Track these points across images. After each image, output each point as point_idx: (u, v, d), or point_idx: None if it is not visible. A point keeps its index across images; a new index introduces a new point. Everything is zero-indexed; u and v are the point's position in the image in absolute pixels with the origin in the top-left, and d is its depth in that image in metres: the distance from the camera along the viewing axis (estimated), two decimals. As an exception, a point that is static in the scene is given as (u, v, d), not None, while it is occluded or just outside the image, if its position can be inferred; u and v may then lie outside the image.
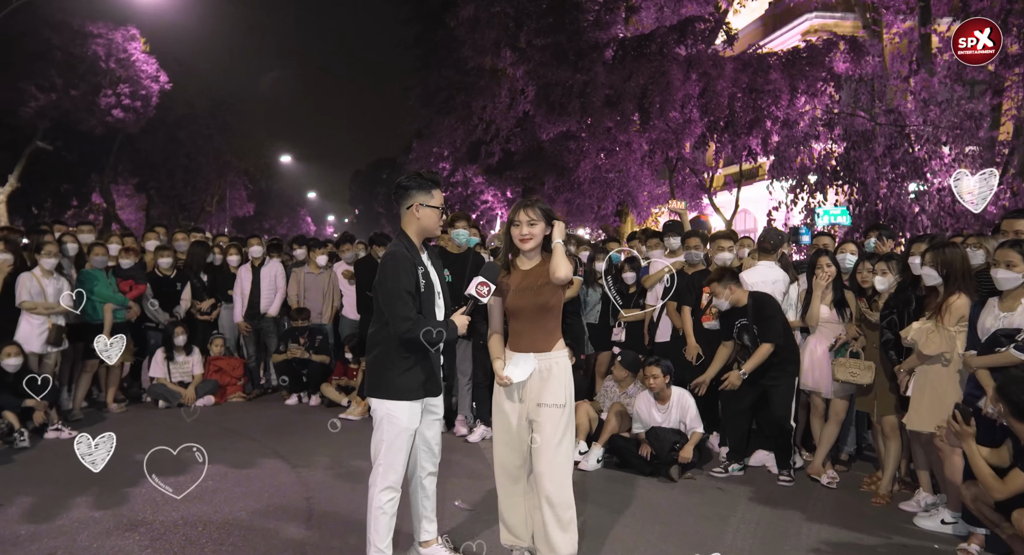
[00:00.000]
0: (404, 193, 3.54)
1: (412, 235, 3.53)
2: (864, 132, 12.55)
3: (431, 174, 3.58)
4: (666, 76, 15.11)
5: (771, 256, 6.19)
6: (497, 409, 3.67)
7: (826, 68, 14.82)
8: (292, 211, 51.74)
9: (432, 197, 3.53)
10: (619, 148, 16.98)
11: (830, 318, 5.63)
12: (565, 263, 3.41)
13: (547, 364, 3.53)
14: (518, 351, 3.57)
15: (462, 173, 23.95)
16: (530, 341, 3.54)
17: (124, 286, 7.60)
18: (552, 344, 3.56)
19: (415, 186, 3.51)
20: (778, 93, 14.90)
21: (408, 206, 3.52)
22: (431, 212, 3.53)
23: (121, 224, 25.72)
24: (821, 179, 13.02)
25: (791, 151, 13.81)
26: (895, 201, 12.19)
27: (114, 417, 7.45)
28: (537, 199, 3.66)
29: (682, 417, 5.73)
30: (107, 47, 20.79)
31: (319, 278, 8.57)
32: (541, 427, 3.48)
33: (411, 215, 3.52)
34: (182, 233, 9.01)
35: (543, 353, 3.53)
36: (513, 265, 3.63)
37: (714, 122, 15.79)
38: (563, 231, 3.57)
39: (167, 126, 26.31)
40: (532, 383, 3.53)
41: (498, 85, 18.55)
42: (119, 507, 4.70)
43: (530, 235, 3.51)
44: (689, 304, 6.43)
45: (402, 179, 3.58)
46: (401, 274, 3.35)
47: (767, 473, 5.74)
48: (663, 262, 7.15)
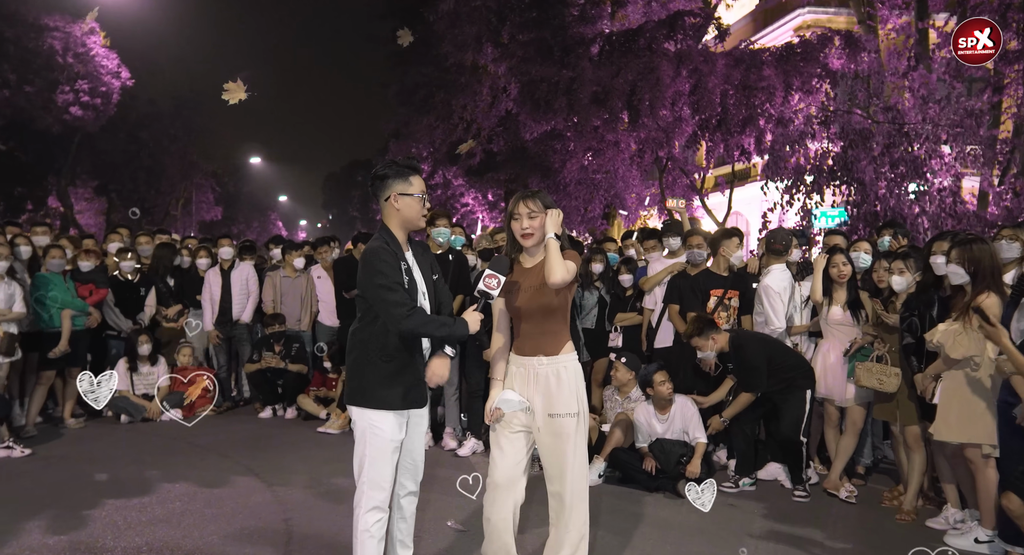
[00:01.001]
0: (380, 184, 3.35)
1: (394, 229, 3.34)
2: (861, 130, 12.51)
3: (408, 160, 3.38)
4: (655, 72, 14.95)
5: (782, 258, 6.01)
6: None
7: (821, 64, 14.77)
8: (262, 215, 51.24)
9: (410, 184, 3.34)
10: (607, 148, 16.79)
11: (843, 320, 5.48)
12: (559, 263, 3.17)
13: (555, 369, 3.32)
14: (523, 355, 3.37)
15: (442, 175, 23.58)
16: (536, 344, 3.34)
17: (84, 291, 7.28)
18: (560, 347, 3.35)
19: (391, 174, 3.33)
20: (772, 90, 14.78)
21: (386, 197, 3.33)
22: (411, 201, 3.33)
23: (80, 229, 25.16)
24: (818, 179, 12.94)
25: (786, 150, 13.67)
26: (894, 202, 12.15)
27: (72, 433, 7.12)
28: (538, 189, 3.46)
29: (684, 426, 5.57)
30: (64, 41, 20.36)
31: (296, 282, 8.31)
32: (555, 437, 3.28)
33: (390, 207, 3.33)
34: (145, 236, 8.68)
35: (550, 357, 3.33)
36: (517, 262, 3.44)
37: (706, 120, 15.65)
38: (558, 223, 3.33)
39: (129, 125, 25.87)
40: (539, 391, 3.31)
41: (479, 83, 18.34)
42: (76, 532, 4.40)
43: (531, 229, 3.30)
44: (694, 308, 6.25)
45: (377, 168, 3.38)
46: (385, 267, 3.17)
47: (780, 488, 5.57)
48: (662, 263, 6.99)
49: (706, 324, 5.52)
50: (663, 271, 6.86)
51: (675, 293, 6.46)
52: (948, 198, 11.89)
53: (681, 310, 6.37)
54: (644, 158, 16.99)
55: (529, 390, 3.32)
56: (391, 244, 3.31)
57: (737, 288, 6.20)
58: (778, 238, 6.00)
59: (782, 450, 5.54)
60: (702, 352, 5.53)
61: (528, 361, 3.36)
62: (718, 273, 6.28)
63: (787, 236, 6.05)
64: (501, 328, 3.48)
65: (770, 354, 5.39)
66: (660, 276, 6.85)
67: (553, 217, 3.30)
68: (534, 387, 3.32)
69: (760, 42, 18.24)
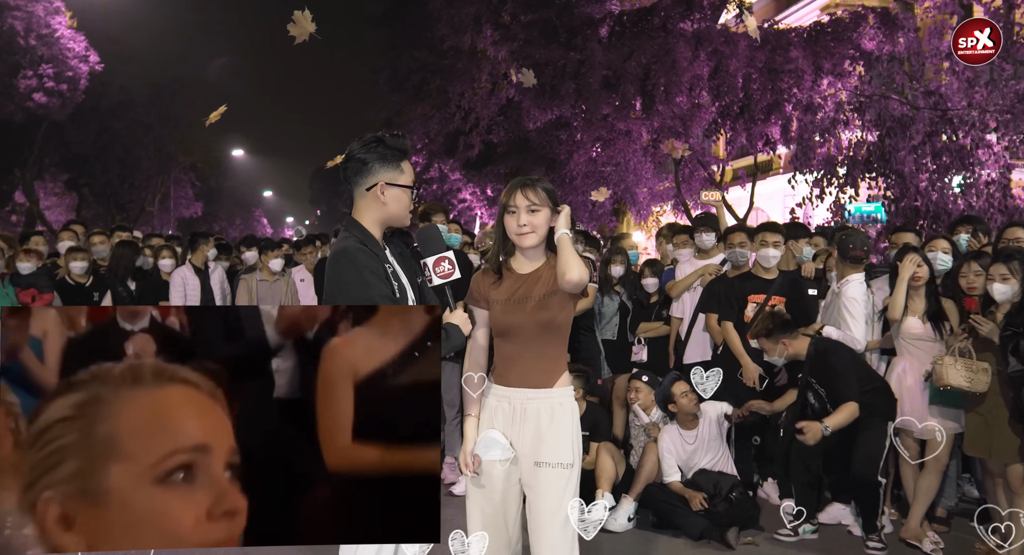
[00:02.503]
0: (361, 168, 2.71)
1: (369, 225, 2.73)
2: (900, 117, 12.07)
3: (396, 139, 2.76)
4: (671, 54, 14.61)
5: (860, 266, 5.29)
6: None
7: (854, 45, 14.31)
8: (245, 212, 50.58)
9: (401, 173, 2.75)
10: (617, 138, 16.43)
11: (923, 334, 4.81)
12: (577, 261, 2.66)
13: (548, 405, 2.78)
14: (508, 385, 2.82)
15: (437, 168, 23.31)
16: (525, 372, 2.79)
17: (25, 297, 6.59)
18: (555, 377, 2.81)
19: (376, 158, 2.70)
20: (800, 74, 14.36)
21: (369, 186, 2.71)
22: (401, 194, 2.75)
23: (48, 225, 24.50)
24: (851, 171, 12.57)
25: (815, 139, 13.40)
26: (937, 196, 11.76)
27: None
28: (540, 177, 2.88)
29: (715, 432, 5.10)
30: (27, 21, 19.66)
31: (274, 286, 7.66)
32: (539, 494, 2.75)
33: (373, 199, 2.72)
34: (100, 235, 8.03)
35: (543, 389, 2.78)
36: (506, 266, 2.89)
37: (727, 107, 15.30)
38: (569, 219, 2.83)
39: (100, 114, 25.12)
40: (527, 433, 2.78)
41: (478, 68, 18.01)
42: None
43: (531, 226, 2.76)
44: (731, 318, 5.57)
45: (355, 148, 2.73)
46: (368, 276, 2.56)
47: (848, 535, 4.89)
48: (693, 265, 6.33)
49: (781, 324, 4.87)
50: (693, 274, 6.20)
51: (713, 300, 5.78)
52: (997, 192, 11.42)
53: (720, 319, 5.69)
54: (659, 149, 16.52)
55: (514, 430, 2.80)
56: (369, 244, 2.69)
57: (785, 294, 5.49)
58: (856, 242, 5.24)
59: (852, 491, 4.86)
60: (767, 356, 4.92)
61: (514, 394, 2.81)
62: (762, 275, 5.60)
63: (866, 240, 5.33)
64: (479, 360, 2.94)
65: (855, 369, 4.74)
66: (690, 280, 6.21)
67: (564, 214, 2.80)
68: (520, 426, 2.79)
69: (784, 23, 17.76)
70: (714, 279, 5.89)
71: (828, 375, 4.71)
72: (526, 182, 2.80)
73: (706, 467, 5.03)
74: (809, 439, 4.53)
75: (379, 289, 2.55)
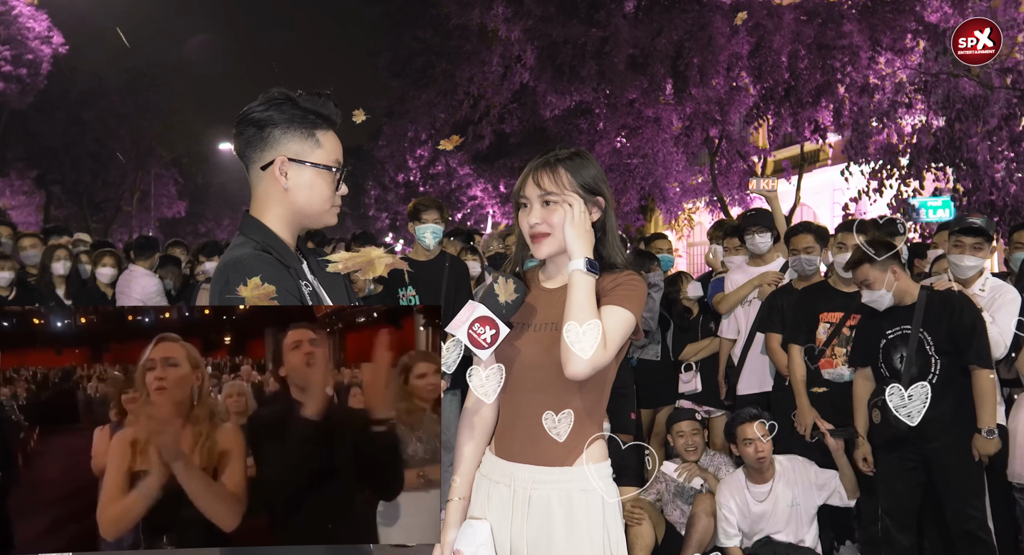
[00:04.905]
0: (255, 137, 2.05)
1: (274, 223, 2.08)
2: (972, 98, 11.89)
3: (315, 100, 2.08)
4: (707, 30, 14.27)
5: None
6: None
7: (916, 16, 13.87)
8: (234, 211, 50.70)
9: (317, 145, 2.07)
10: (645, 126, 16.17)
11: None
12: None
13: (564, 492, 2.10)
14: (508, 458, 2.16)
15: (444, 162, 23.15)
16: (530, 439, 2.13)
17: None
18: (580, 448, 2.12)
19: (277, 120, 2.04)
20: (855, 50, 13.99)
21: (265, 164, 2.06)
22: (314, 178, 2.06)
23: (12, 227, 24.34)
24: (916, 161, 12.43)
25: (872, 125, 13.28)
26: (1016, 188, 11.63)
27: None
28: (574, 151, 2.23)
29: (800, 495, 4.40)
30: (-22, -2, 19.72)
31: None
32: None
33: (272, 182, 2.07)
34: (30, 238, 7.56)
35: (559, 468, 2.11)
36: (528, 279, 2.27)
37: (770, 89, 14.98)
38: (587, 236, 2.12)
39: (69, 103, 25.26)
40: (531, 535, 2.11)
41: (488, 50, 17.79)
42: None
43: (546, 226, 2.13)
44: (798, 341, 4.94)
45: (252, 107, 2.06)
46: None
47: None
48: (746, 273, 5.72)
49: (883, 245, 4.20)
50: (747, 284, 5.59)
51: (776, 316, 5.17)
52: (1087, 185, 11.27)
53: (785, 341, 5.07)
54: (692, 137, 16.36)
55: (513, 527, 2.13)
56: (275, 249, 2.03)
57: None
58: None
59: (956, 547, 4.20)
60: (871, 291, 4.18)
61: (516, 471, 2.15)
62: (841, 287, 4.98)
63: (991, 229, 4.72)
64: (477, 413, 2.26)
65: None
66: (744, 291, 5.59)
67: (578, 218, 2.10)
68: (522, 522, 2.11)
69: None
70: (776, 290, 5.29)
71: (960, 330, 4.00)
72: (543, 163, 2.16)
73: (777, 537, 4.38)
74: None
75: None
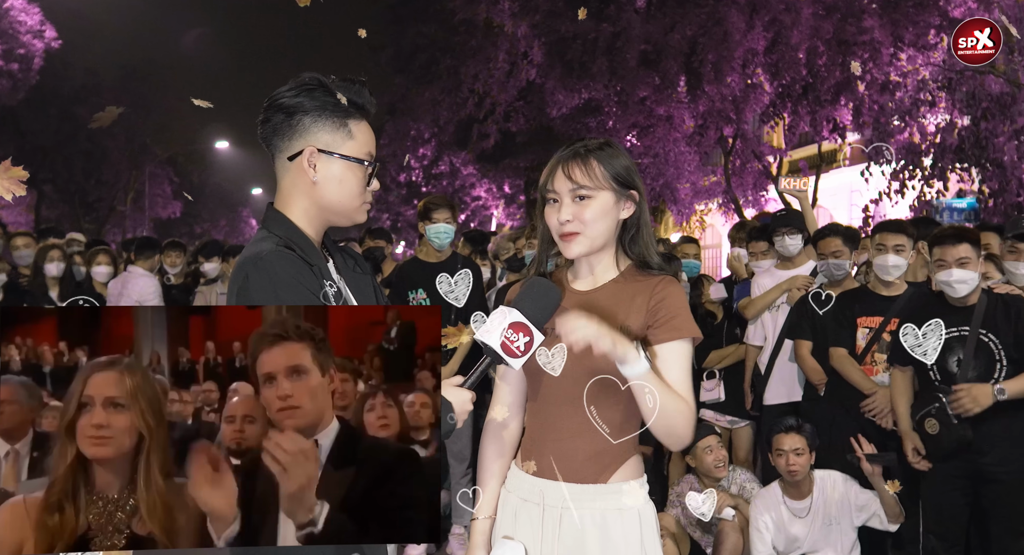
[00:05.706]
0: (284, 124, 1.96)
1: (299, 218, 2.00)
2: (998, 96, 11.82)
3: (349, 86, 2.00)
4: (722, 25, 14.26)
5: None
6: None
7: (940, 11, 13.85)
8: (231, 212, 50.89)
9: (348, 134, 1.97)
10: (657, 124, 16.26)
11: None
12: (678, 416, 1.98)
13: (598, 512, 2.02)
14: (536, 474, 2.08)
15: (448, 161, 23.19)
16: (562, 455, 2.06)
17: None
18: (617, 463, 2.05)
19: (307, 107, 1.94)
20: (875, 46, 13.97)
21: (292, 154, 1.97)
22: (344, 171, 1.98)
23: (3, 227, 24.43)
24: (940, 161, 12.36)
25: (894, 124, 13.44)
26: None
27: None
28: (604, 141, 2.09)
29: (839, 513, 4.23)
30: (-33, -9, 19.81)
31: (244, 301, 7.06)
32: None
33: (299, 174, 1.97)
34: (23, 238, 7.55)
35: (592, 485, 2.03)
36: (559, 279, 2.16)
37: (787, 87, 15.00)
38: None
39: (61, 100, 25.24)
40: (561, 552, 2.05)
41: (494, 46, 17.66)
42: None
43: (577, 224, 2.01)
44: (842, 343, 4.77)
45: (281, 92, 1.98)
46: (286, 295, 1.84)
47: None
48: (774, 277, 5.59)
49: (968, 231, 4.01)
50: (776, 288, 5.47)
51: (805, 322, 5.03)
52: (1118, 187, 11.33)
53: (816, 349, 4.93)
54: (705, 136, 16.42)
55: (543, 549, 2.06)
56: (298, 246, 1.93)
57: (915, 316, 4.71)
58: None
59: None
60: (948, 273, 3.91)
61: (545, 489, 2.06)
62: (880, 291, 4.82)
63: None
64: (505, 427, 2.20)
65: None
66: (772, 296, 5.47)
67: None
68: (553, 544, 2.04)
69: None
70: (806, 295, 5.14)
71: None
72: (574, 152, 2.03)
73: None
74: (967, 403, 3.69)
75: None
